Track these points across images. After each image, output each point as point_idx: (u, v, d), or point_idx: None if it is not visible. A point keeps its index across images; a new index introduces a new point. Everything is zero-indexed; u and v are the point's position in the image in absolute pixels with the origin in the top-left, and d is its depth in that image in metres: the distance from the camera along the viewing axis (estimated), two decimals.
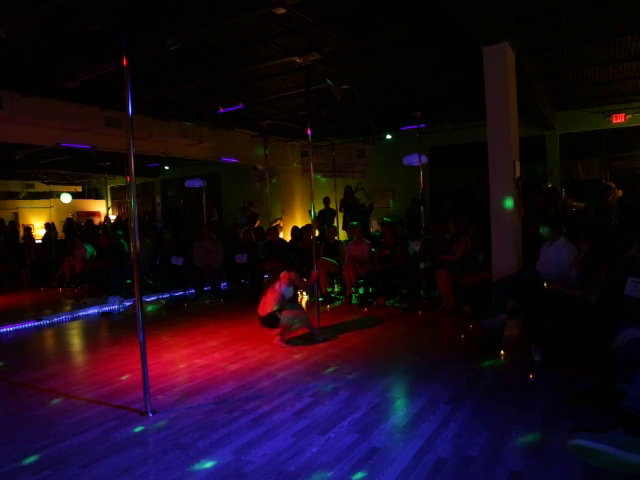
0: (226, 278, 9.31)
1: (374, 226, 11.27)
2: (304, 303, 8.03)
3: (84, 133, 8.65)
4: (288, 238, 10.18)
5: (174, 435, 3.28)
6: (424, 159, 9.29)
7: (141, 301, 3.75)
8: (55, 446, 3.19)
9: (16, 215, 16.05)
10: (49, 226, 13.24)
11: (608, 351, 3.29)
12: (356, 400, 3.76)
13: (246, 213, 11.98)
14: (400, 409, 3.61)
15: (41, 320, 7.29)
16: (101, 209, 17.26)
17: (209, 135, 10.61)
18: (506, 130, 5.45)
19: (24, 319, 7.27)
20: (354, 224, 8.41)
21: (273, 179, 11.95)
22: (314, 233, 6.52)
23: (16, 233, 14.18)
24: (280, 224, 12.27)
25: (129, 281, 8.74)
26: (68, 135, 8.66)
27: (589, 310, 4.11)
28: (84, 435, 3.34)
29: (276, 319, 5.33)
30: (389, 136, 11.22)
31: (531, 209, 6.70)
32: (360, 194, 10.80)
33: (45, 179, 15.47)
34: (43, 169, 13.86)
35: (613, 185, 7.45)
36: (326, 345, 5.40)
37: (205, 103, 8.71)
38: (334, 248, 8.48)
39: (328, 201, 11.18)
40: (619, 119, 9.84)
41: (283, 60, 6.49)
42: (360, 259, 7.79)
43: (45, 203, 15.19)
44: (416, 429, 3.21)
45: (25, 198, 16.62)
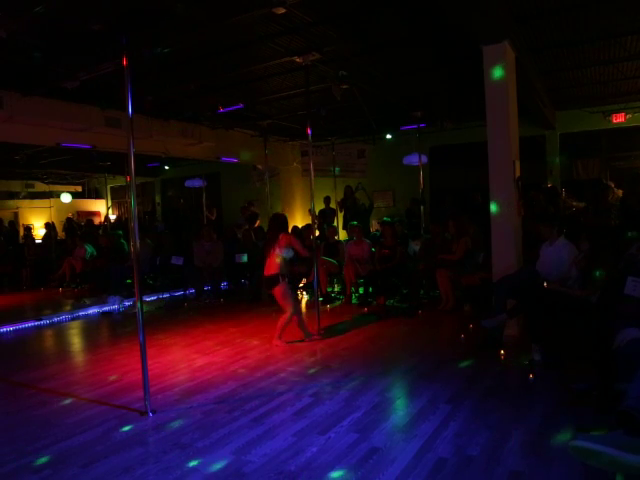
0: (226, 278, 9.32)
1: (374, 226, 11.27)
2: (304, 303, 8.04)
3: (84, 133, 8.65)
4: None
5: (174, 435, 3.28)
6: (424, 159, 9.28)
7: (141, 301, 3.75)
8: (55, 446, 3.19)
9: (16, 215, 16.04)
10: (49, 226, 13.24)
11: (608, 351, 3.29)
12: (356, 400, 3.76)
13: (246, 212, 11.98)
14: (400, 409, 3.62)
15: (41, 320, 7.30)
16: (101, 209, 17.26)
17: (209, 135, 10.61)
18: (506, 130, 5.45)
19: (24, 319, 7.28)
20: (354, 224, 8.41)
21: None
22: (314, 233, 6.51)
23: (16, 233, 14.18)
24: None
25: (129, 281, 8.74)
26: (68, 135, 8.66)
27: (589, 310, 4.11)
28: (84, 435, 3.34)
29: (277, 281, 5.38)
30: (389, 136, 11.22)
31: (531, 209, 6.70)
32: (360, 194, 10.80)
33: (45, 179, 15.46)
34: (43, 169, 13.86)
35: (612, 185, 7.45)
36: (326, 345, 5.40)
37: (205, 103, 8.71)
38: (334, 248, 8.49)
39: (329, 200, 11.18)
40: (619, 119, 9.84)
41: (283, 60, 6.48)
42: (360, 259, 7.79)
43: (45, 203, 15.18)
44: (416, 429, 3.22)
45: (25, 198, 16.61)
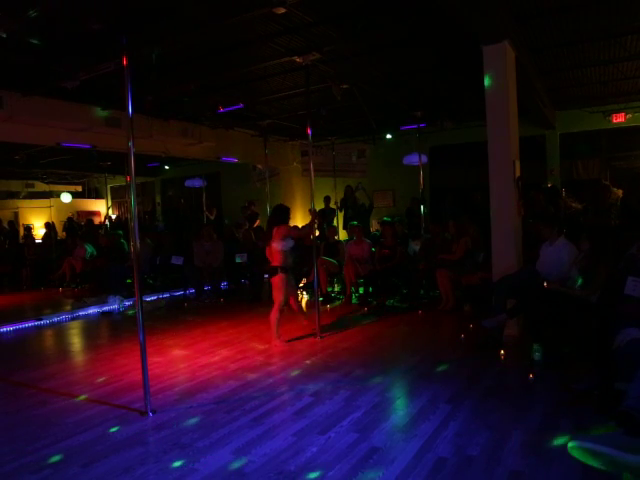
0: (226, 278, 9.32)
1: (374, 226, 11.26)
2: (304, 302, 8.03)
3: (84, 133, 8.65)
4: None
5: (174, 435, 3.28)
6: (424, 159, 9.29)
7: (141, 301, 3.75)
8: (55, 446, 3.19)
9: (16, 215, 16.04)
10: (49, 226, 13.24)
11: (608, 351, 3.29)
12: (356, 400, 3.76)
13: (246, 212, 11.98)
14: (400, 408, 3.62)
15: (41, 320, 7.30)
16: (101, 209, 17.25)
17: (209, 135, 10.61)
18: (506, 130, 5.45)
19: (24, 319, 7.28)
20: (354, 224, 8.41)
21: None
22: (314, 233, 6.51)
23: (16, 233, 14.18)
24: None
25: (129, 281, 8.75)
26: (68, 135, 8.66)
27: (589, 310, 4.11)
28: (84, 435, 3.34)
29: (276, 272, 5.51)
30: (389, 136, 11.22)
31: (531, 209, 6.69)
32: (360, 194, 10.80)
33: (45, 179, 15.44)
34: (43, 169, 13.85)
35: (609, 184, 7.43)
36: (326, 345, 5.40)
37: (205, 103, 8.71)
38: (334, 248, 8.49)
39: (329, 200, 11.17)
40: (619, 119, 9.84)
41: (283, 60, 6.48)
42: (360, 259, 7.79)
43: (45, 203, 15.18)
44: (416, 428, 3.22)
45: (25, 198, 16.61)
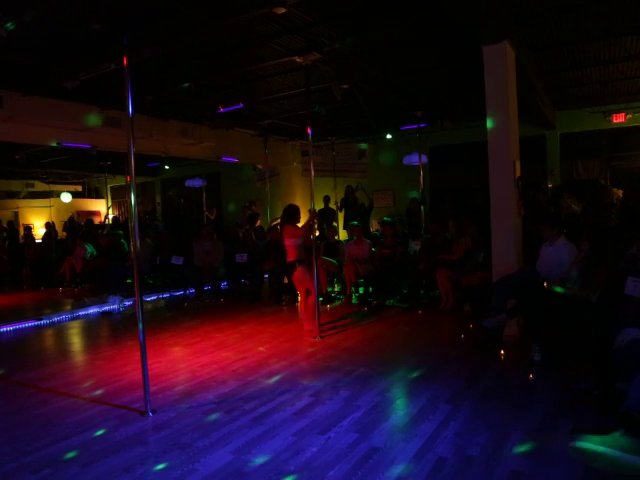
0: (226, 278, 9.32)
1: (374, 226, 11.26)
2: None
3: (84, 133, 8.65)
4: None
5: (174, 435, 3.28)
6: (424, 159, 9.29)
7: (141, 301, 3.75)
8: (55, 445, 3.19)
9: (16, 214, 16.04)
10: (49, 225, 13.24)
11: (608, 351, 3.30)
12: (356, 400, 3.76)
13: (246, 212, 11.97)
14: (400, 409, 3.62)
15: (41, 320, 7.29)
16: (101, 209, 17.25)
17: (209, 135, 10.61)
18: (506, 130, 5.45)
19: (24, 319, 7.28)
20: (354, 224, 8.41)
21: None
22: (314, 233, 6.51)
23: (16, 233, 14.17)
24: (279, 222, 12.24)
25: (129, 281, 8.74)
26: (68, 135, 8.66)
27: (589, 310, 4.11)
28: (84, 434, 3.34)
29: (294, 268, 5.78)
30: (389, 136, 11.22)
31: (531, 209, 6.69)
32: (360, 194, 10.80)
33: (45, 178, 15.46)
34: (43, 168, 13.85)
35: (606, 184, 7.43)
36: (326, 345, 5.40)
37: (205, 103, 8.71)
38: (334, 248, 8.49)
39: (328, 200, 11.16)
40: (619, 119, 9.84)
41: (283, 60, 6.48)
42: (360, 259, 7.79)
43: (45, 202, 15.17)
44: (416, 428, 3.22)
45: (25, 197, 16.61)
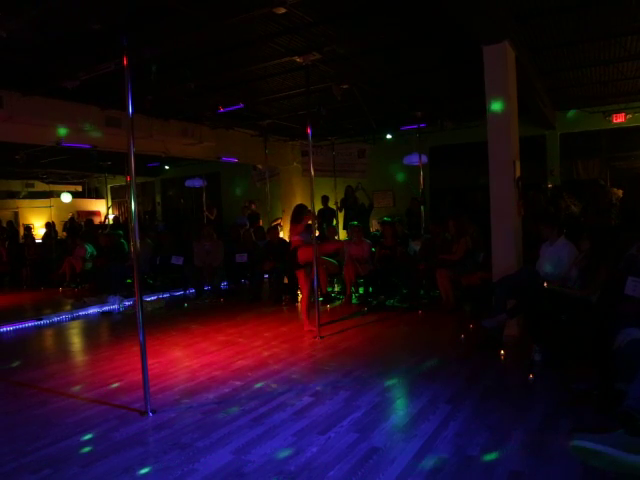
0: (226, 278, 9.32)
1: (374, 226, 11.26)
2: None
3: (84, 133, 8.65)
4: (288, 238, 10.17)
5: (174, 435, 3.28)
6: (424, 159, 9.29)
7: (141, 301, 3.75)
8: (55, 445, 3.19)
9: (16, 214, 16.04)
10: (49, 225, 13.24)
11: (608, 351, 3.29)
12: (356, 400, 3.76)
13: (246, 212, 11.98)
14: (400, 409, 3.62)
15: (41, 319, 7.29)
16: (101, 209, 17.26)
17: (209, 135, 10.61)
18: (506, 130, 5.45)
19: (24, 319, 7.28)
20: (354, 224, 8.41)
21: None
22: (314, 232, 6.51)
23: (16, 233, 14.17)
24: (280, 223, 12.27)
25: (129, 281, 8.74)
26: (68, 134, 8.65)
27: (589, 310, 4.11)
28: (84, 434, 3.34)
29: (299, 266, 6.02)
30: (389, 136, 11.22)
31: (531, 209, 6.70)
32: (360, 194, 10.80)
33: (45, 178, 15.46)
34: (43, 168, 13.85)
35: (605, 185, 7.43)
36: (326, 345, 5.40)
37: (205, 103, 8.71)
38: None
39: (326, 200, 11.16)
40: (619, 119, 9.84)
41: (283, 60, 6.48)
42: (360, 259, 7.79)
43: (45, 202, 15.17)
44: (416, 429, 3.22)
45: (25, 197, 16.62)
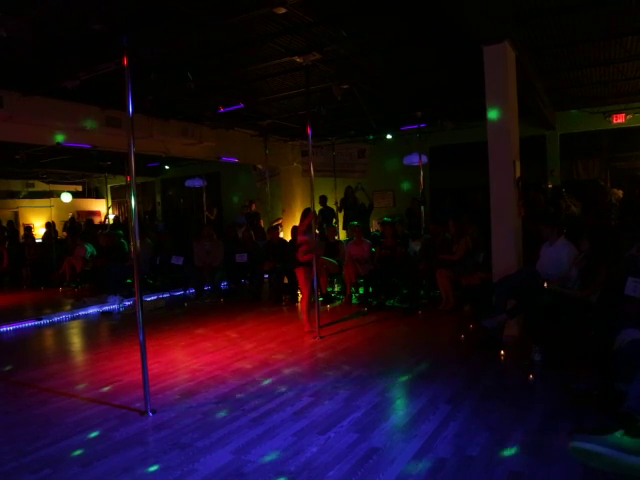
0: (226, 278, 9.32)
1: (374, 226, 11.26)
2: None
3: (84, 133, 8.65)
4: (288, 238, 10.17)
5: (174, 435, 3.28)
6: (424, 159, 9.29)
7: (141, 301, 3.75)
8: (55, 445, 3.19)
9: (16, 214, 16.04)
10: (49, 225, 13.24)
11: (608, 351, 3.29)
12: (356, 400, 3.76)
13: (245, 211, 11.98)
14: (400, 409, 3.62)
15: (41, 319, 7.29)
16: (101, 209, 17.26)
17: (209, 135, 10.61)
18: (506, 130, 5.45)
19: (24, 318, 7.28)
20: (354, 224, 8.41)
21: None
22: (314, 232, 6.51)
23: (16, 233, 14.17)
24: (281, 223, 12.27)
25: (129, 280, 8.74)
26: (69, 134, 8.65)
27: (589, 310, 4.11)
28: (84, 434, 3.34)
29: (304, 265, 6.04)
30: (389, 136, 11.22)
31: (531, 209, 6.70)
32: (360, 194, 10.80)
33: (45, 178, 15.45)
34: (43, 168, 13.85)
35: (604, 185, 7.43)
36: (326, 345, 5.40)
37: (205, 103, 8.71)
38: (334, 248, 8.49)
39: (325, 199, 11.15)
40: (619, 119, 9.84)
41: (283, 60, 6.49)
42: (360, 259, 7.79)
43: (45, 202, 15.16)
44: (416, 429, 3.22)
45: (25, 197, 16.61)
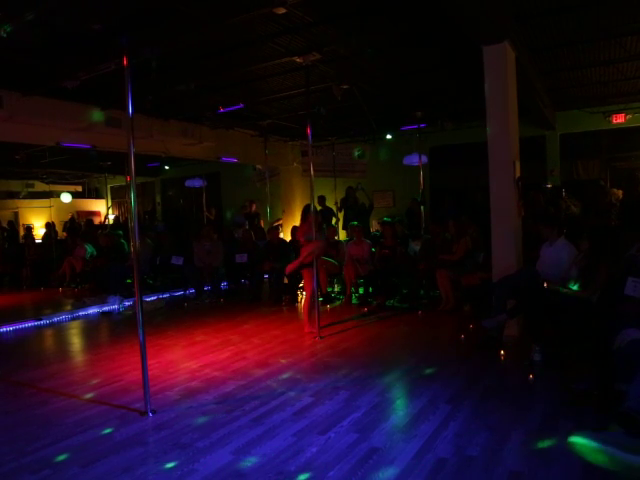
0: (226, 278, 9.32)
1: (374, 226, 11.26)
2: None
3: (84, 133, 8.65)
4: (288, 238, 10.17)
5: (174, 435, 3.28)
6: (424, 159, 9.29)
7: (141, 301, 3.75)
8: (55, 446, 3.19)
9: (16, 215, 16.04)
10: (49, 226, 13.24)
11: (608, 351, 3.29)
12: (356, 400, 3.76)
13: (244, 212, 11.98)
14: (400, 409, 3.62)
15: (41, 320, 7.29)
16: (101, 209, 17.26)
17: (209, 135, 10.61)
18: (506, 130, 5.45)
19: (24, 319, 7.27)
20: (354, 224, 8.42)
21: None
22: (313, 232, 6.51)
23: (16, 233, 14.17)
24: (281, 224, 12.27)
25: (129, 281, 8.74)
26: (68, 134, 8.65)
27: (589, 310, 4.11)
28: (84, 435, 3.34)
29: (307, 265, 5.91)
30: (389, 136, 11.22)
31: (531, 209, 6.70)
32: (360, 194, 10.80)
33: (45, 179, 15.46)
34: (43, 168, 13.85)
35: (605, 185, 7.43)
36: (326, 345, 5.41)
37: (205, 103, 8.71)
38: (334, 248, 8.48)
39: (323, 199, 11.15)
40: (619, 119, 9.84)
41: (283, 60, 6.49)
42: (360, 259, 7.79)
43: (45, 203, 15.17)
44: (416, 429, 3.22)
45: (25, 197, 16.61)
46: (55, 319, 7.42)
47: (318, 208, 10.55)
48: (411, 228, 9.68)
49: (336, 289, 8.77)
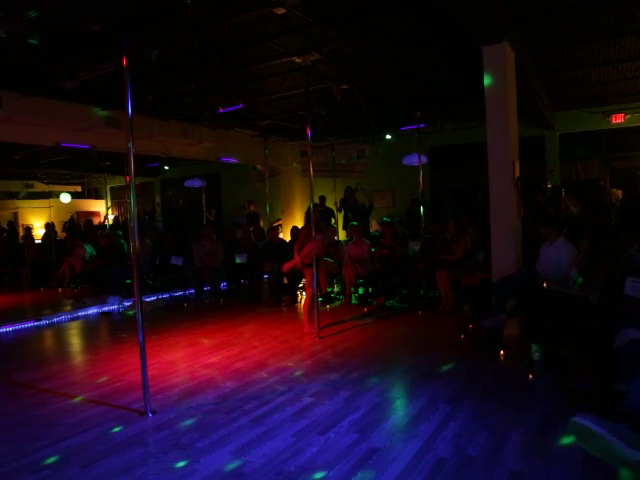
0: (226, 278, 9.31)
1: (374, 226, 11.27)
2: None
3: (84, 133, 8.64)
4: (288, 238, 10.17)
5: (174, 435, 3.28)
6: (424, 159, 9.29)
7: (141, 301, 3.75)
8: (55, 446, 3.19)
9: (16, 215, 16.03)
10: (49, 226, 13.23)
11: (608, 351, 3.29)
12: (356, 400, 3.76)
13: (244, 211, 11.97)
14: (400, 409, 3.62)
15: (41, 320, 7.29)
16: (101, 209, 17.24)
17: (209, 135, 10.61)
18: (506, 130, 5.45)
19: (24, 319, 7.27)
20: (354, 224, 8.42)
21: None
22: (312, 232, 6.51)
23: (16, 233, 14.16)
24: (281, 224, 12.27)
25: (129, 281, 8.74)
26: (68, 135, 8.65)
27: (589, 310, 4.11)
28: (84, 435, 3.34)
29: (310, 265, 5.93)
30: (389, 136, 11.22)
31: (531, 209, 6.70)
32: (360, 194, 10.80)
33: (45, 179, 15.45)
34: (43, 169, 13.85)
35: (605, 185, 7.43)
36: (326, 345, 5.40)
37: (205, 103, 8.71)
38: (334, 248, 8.48)
39: (323, 199, 11.15)
40: (619, 119, 9.84)
41: (283, 60, 6.48)
42: (360, 259, 7.79)
43: (45, 203, 15.16)
44: (416, 429, 3.22)
45: (25, 198, 16.59)
46: (55, 319, 7.42)
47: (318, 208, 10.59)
48: (411, 228, 9.68)
49: (336, 289, 8.77)
